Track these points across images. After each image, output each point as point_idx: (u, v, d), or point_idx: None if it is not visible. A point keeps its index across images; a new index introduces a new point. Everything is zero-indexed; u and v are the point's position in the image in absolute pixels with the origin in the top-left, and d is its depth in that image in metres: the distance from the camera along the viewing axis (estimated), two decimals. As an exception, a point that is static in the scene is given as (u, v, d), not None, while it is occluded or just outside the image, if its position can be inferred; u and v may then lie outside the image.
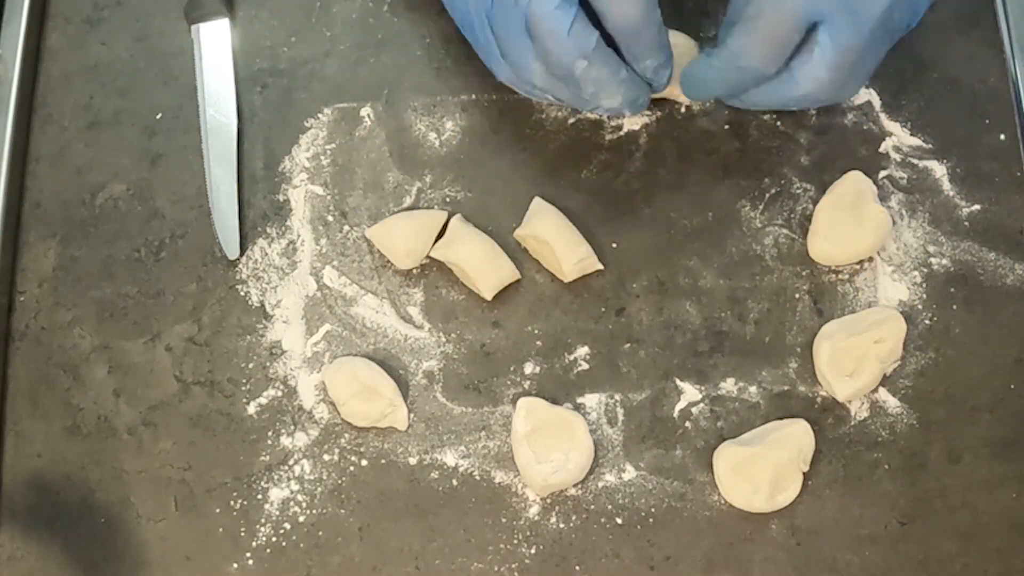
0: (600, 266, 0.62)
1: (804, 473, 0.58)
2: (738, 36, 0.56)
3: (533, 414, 0.58)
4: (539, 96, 0.60)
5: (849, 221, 0.61)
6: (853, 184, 0.62)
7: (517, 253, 0.63)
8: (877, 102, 0.65)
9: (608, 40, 0.57)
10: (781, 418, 0.60)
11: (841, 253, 0.61)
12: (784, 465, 0.57)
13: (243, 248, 0.63)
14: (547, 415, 0.58)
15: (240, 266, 0.63)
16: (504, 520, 0.58)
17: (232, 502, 0.59)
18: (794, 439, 0.58)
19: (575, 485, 0.59)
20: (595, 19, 0.56)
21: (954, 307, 0.62)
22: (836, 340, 0.59)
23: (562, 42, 0.55)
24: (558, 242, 0.60)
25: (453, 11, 0.62)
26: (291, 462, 0.60)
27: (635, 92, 0.58)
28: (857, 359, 0.59)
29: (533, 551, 0.58)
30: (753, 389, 0.60)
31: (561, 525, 0.58)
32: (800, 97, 0.57)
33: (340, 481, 0.59)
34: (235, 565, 0.58)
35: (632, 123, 0.65)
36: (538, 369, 0.61)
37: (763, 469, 0.57)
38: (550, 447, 0.57)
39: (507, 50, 0.58)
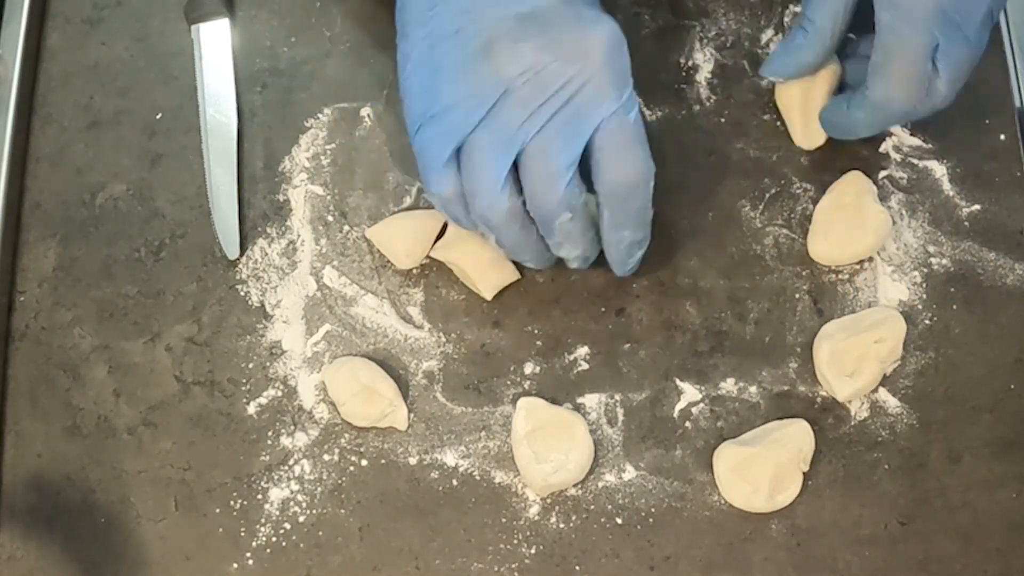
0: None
1: (804, 473, 0.58)
2: (878, 87, 0.57)
3: (533, 414, 0.58)
4: (467, 226, 0.57)
5: (849, 221, 0.61)
6: (853, 184, 0.62)
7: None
8: (877, 102, 0.66)
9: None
10: (781, 418, 0.60)
11: (841, 253, 0.61)
12: (784, 465, 0.57)
13: (243, 248, 0.63)
14: (547, 415, 0.58)
15: (240, 266, 0.63)
16: (504, 520, 0.58)
17: (232, 502, 0.59)
18: (794, 439, 0.58)
19: (575, 485, 0.59)
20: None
21: (954, 307, 0.62)
22: (836, 340, 0.59)
23: (554, 191, 0.53)
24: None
25: (433, 101, 0.56)
26: (291, 462, 0.60)
27: (591, 252, 0.58)
28: (857, 359, 0.59)
29: (533, 551, 0.58)
30: (753, 389, 0.60)
31: (561, 525, 0.58)
32: (929, 112, 0.58)
33: (340, 481, 0.59)
34: (235, 565, 0.58)
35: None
36: (538, 369, 0.61)
37: (763, 469, 0.57)
38: (550, 447, 0.57)
39: (475, 169, 0.54)
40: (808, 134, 0.64)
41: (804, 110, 0.63)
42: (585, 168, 0.54)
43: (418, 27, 0.55)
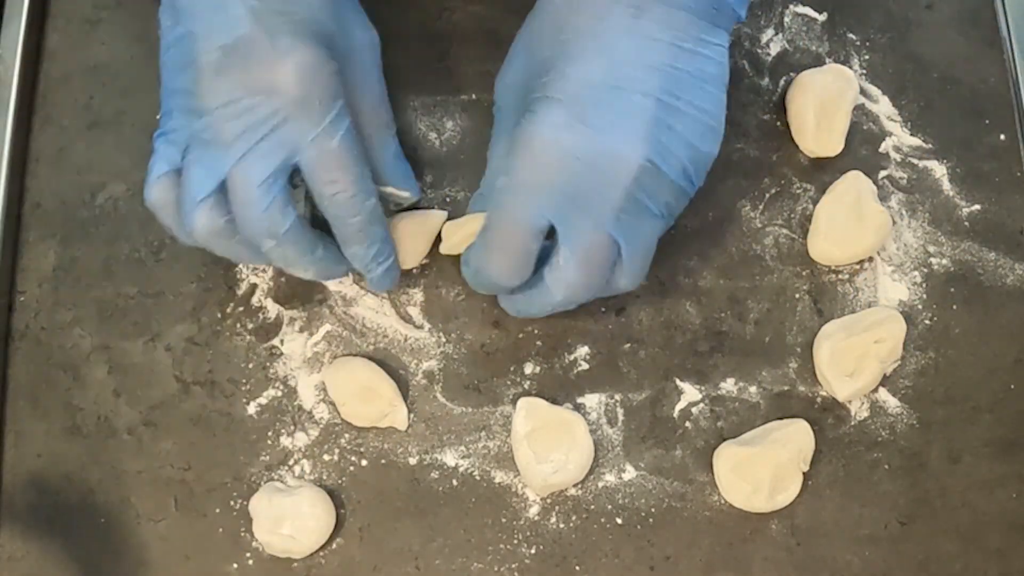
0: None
1: (804, 473, 0.58)
2: (476, 252, 0.55)
3: (533, 414, 0.58)
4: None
5: (849, 221, 0.61)
6: (853, 184, 0.62)
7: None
8: (877, 102, 0.65)
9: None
10: (781, 418, 0.60)
11: (841, 253, 0.61)
12: (784, 465, 0.57)
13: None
14: (547, 415, 0.58)
15: (240, 266, 0.63)
16: (504, 520, 0.58)
17: (232, 502, 0.59)
18: (794, 439, 0.58)
19: (575, 485, 0.59)
20: None
21: (954, 307, 0.62)
22: (836, 340, 0.59)
23: (256, 217, 0.53)
24: None
25: (166, 118, 0.56)
26: (291, 462, 0.60)
27: (329, 271, 0.57)
28: (857, 359, 0.59)
29: (533, 551, 0.58)
30: (753, 389, 0.60)
31: (561, 525, 0.58)
32: (561, 302, 0.55)
33: (340, 481, 0.59)
34: (235, 565, 0.58)
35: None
36: (538, 369, 0.61)
37: (763, 469, 0.57)
38: (550, 447, 0.57)
39: (186, 190, 0.54)
40: (820, 142, 0.63)
41: (819, 118, 0.63)
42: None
43: (161, 42, 0.56)
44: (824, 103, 0.63)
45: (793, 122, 0.64)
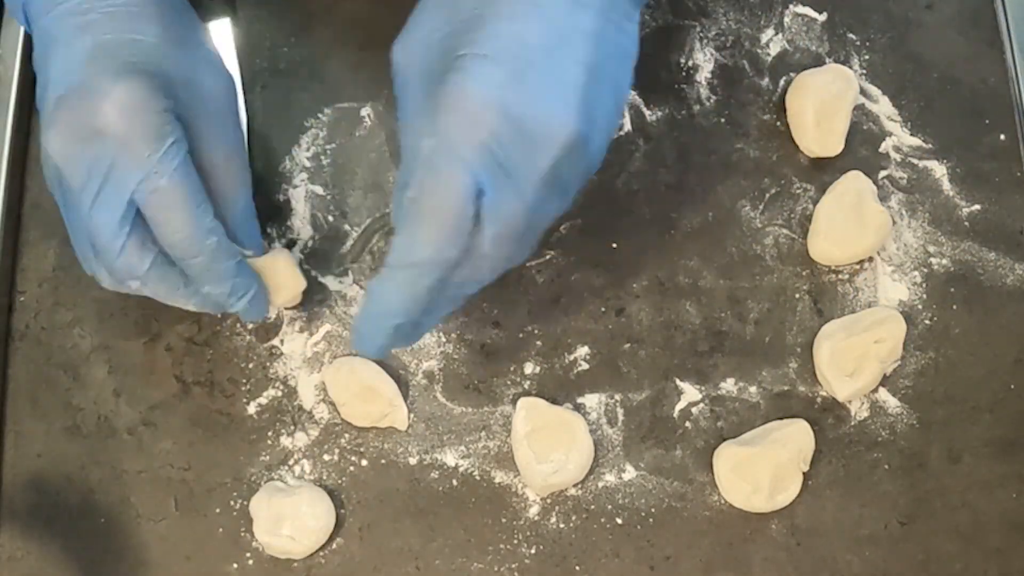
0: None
1: (804, 473, 0.58)
2: (408, 227, 0.49)
3: (533, 414, 0.58)
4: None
5: (850, 220, 0.61)
6: (853, 183, 0.62)
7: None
8: (877, 102, 0.66)
9: None
10: (781, 418, 0.60)
11: (842, 253, 0.61)
12: (784, 465, 0.57)
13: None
14: (547, 415, 0.58)
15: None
16: (504, 520, 0.58)
17: (232, 502, 0.59)
18: (794, 439, 0.58)
19: (575, 485, 0.59)
20: None
21: (954, 307, 0.62)
22: (836, 340, 0.59)
23: (116, 262, 0.52)
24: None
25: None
26: (291, 462, 0.60)
27: (212, 305, 0.56)
28: (857, 359, 0.59)
29: (533, 551, 0.58)
30: (753, 389, 0.60)
31: (561, 525, 0.58)
32: (468, 278, 0.50)
33: (340, 481, 0.59)
34: (235, 565, 0.58)
35: (632, 123, 0.65)
36: (538, 369, 0.61)
37: (763, 469, 0.57)
38: (550, 447, 0.57)
39: (77, 250, 0.55)
40: (820, 142, 0.63)
41: (819, 118, 0.63)
42: None
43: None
44: (824, 103, 0.63)
45: (793, 122, 0.64)
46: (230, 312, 0.56)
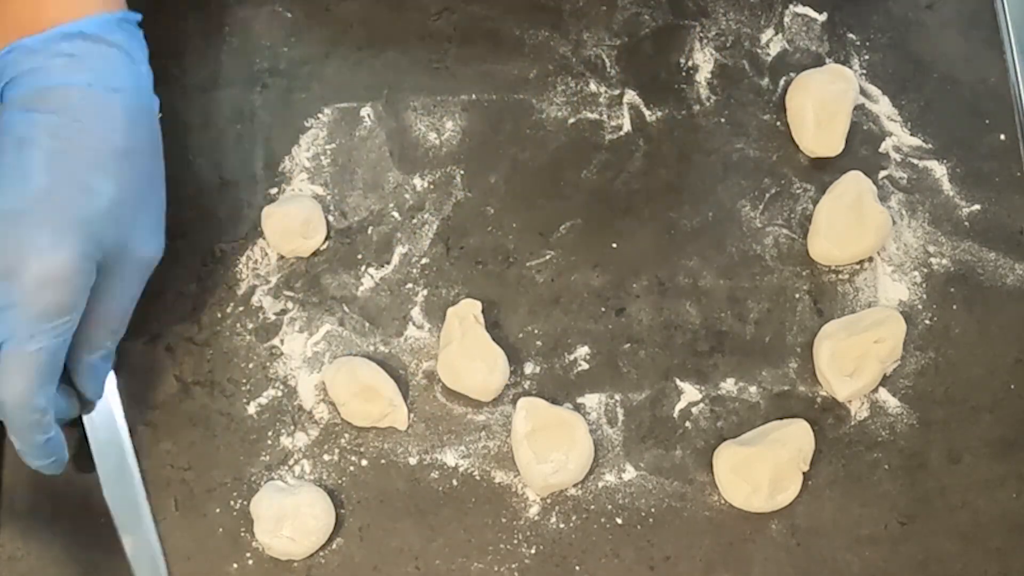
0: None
1: (804, 473, 0.58)
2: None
3: (533, 414, 0.58)
4: None
5: (850, 220, 0.61)
6: (853, 184, 0.62)
7: (518, 251, 0.63)
8: (877, 102, 0.66)
9: None
10: (781, 418, 0.60)
11: (842, 252, 0.61)
12: (784, 465, 0.57)
13: (243, 249, 0.63)
14: (547, 415, 0.58)
15: (240, 266, 0.63)
16: (504, 520, 0.58)
17: (232, 502, 0.59)
18: (794, 439, 0.58)
19: (575, 485, 0.59)
20: None
21: (954, 307, 0.62)
22: (836, 340, 0.59)
23: None
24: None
25: None
26: (291, 462, 0.60)
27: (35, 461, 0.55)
28: (857, 359, 0.59)
29: (533, 551, 0.58)
30: (753, 389, 0.60)
31: (561, 525, 0.58)
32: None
33: (340, 481, 0.59)
34: (235, 565, 0.58)
35: (632, 123, 0.65)
36: (538, 369, 0.61)
37: (763, 469, 0.57)
38: (550, 447, 0.57)
39: None
40: (820, 142, 0.63)
41: (819, 118, 0.63)
42: None
43: None
44: (824, 103, 0.63)
45: (793, 122, 0.64)
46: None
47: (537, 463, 0.57)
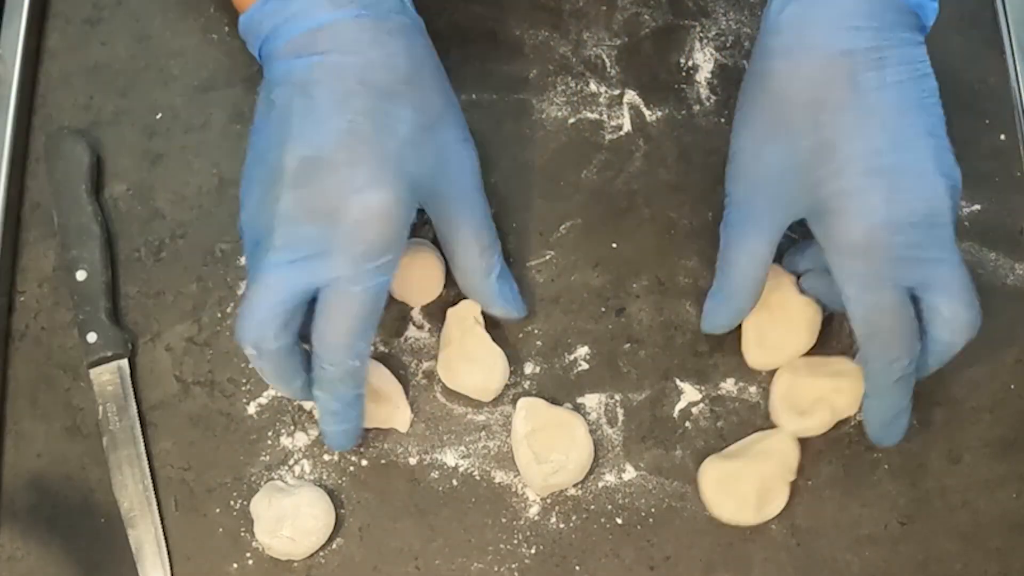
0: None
1: (794, 481, 0.57)
2: (877, 354, 0.53)
3: (533, 414, 0.58)
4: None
5: (779, 322, 0.59)
6: (773, 280, 0.58)
7: (518, 251, 0.63)
8: (877, 102, 0.65)
9: None
10: (781, 418, 0.60)
11: (780, 356, 0.59)
12: (769, 477, 0.57)
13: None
14: (547, 415, 0.58)
15: (240, 266, 0.63)
16: (504, 520, 0.58)
17: (232, 502, 0.59)
18: (778, 450, 0.57)
19: (575, 485, 0.59)
20: None
21: (954, 307, 0.62)
22: (798, 375, 0.58)
23: (248, 323, 0.52)
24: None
25: (242, 208, 0.56)
26: (291, 462, 0.60)
27: (302, 397, 0.55)
28: (813, 401, 0.58)
29: (533, 551, 0.58)
30: (753, 389, 0.60)
31: (561, 525, 0.58)
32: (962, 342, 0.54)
33: (340, 481, 0.59)
34: (235, 565, 0.58)
35: (632, 123, 0.65)
36: (538, 369, 0.61)
37: (749, 482, 0.56)
38: (550, 447, 0.57)
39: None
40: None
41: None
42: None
43: (250, 146, 0.55)
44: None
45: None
46: (322, 428, 0.56)
47: (537, 463, 0.57)
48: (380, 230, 0.51)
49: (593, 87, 0.66)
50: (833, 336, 0.61)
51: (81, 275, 0.61)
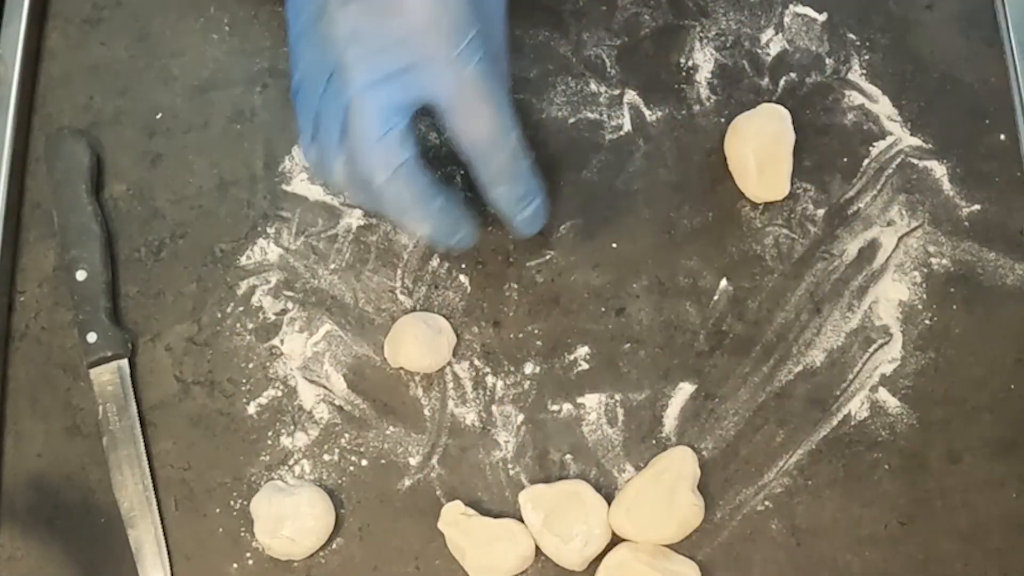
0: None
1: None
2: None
3: (539, 501, 0.57)
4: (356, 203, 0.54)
5: (657, 503, 0.56)
6: (678, 463, 0.57)
7: (518, 251, 0.63)
8: (877, 102, 0.65)
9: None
10: (782, 419, 0.59)
11: (639, 532, 0.56)
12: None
13: (243, 249, 0.63)
14: (551, 495, 0.57)
15: (240, 266, 0.63)
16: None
17: (232, 502, 0.59)
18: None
19: (575, 485, 0.59)
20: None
21: (954, 307, 0.62)
22: (637, 557, 0.56)
23: (369, 147, 0.49)
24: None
25: (295, 70, 0.53)
26: (291, 462, 0.60)
27: (449, 227, 0.53)
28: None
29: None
30: (753, 389, 0.60)
31: (561, 525, 0.58)
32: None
33: (340, 481, 0.59)
34: (235, 565, 0.58)
35: (632, 123, 0.65)
36: (538, 369, 0.61)
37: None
38: (569, 523, 0.56)
39: (320, 133, 0.51)
40: (765, 187, 0.62)
41: (762, 164, 0.61)
42: None
43: (288, 8, 0.53)
44: (764, 147, 0.62)
45: (734, 171, 0.63)
46: (509, 219, 0.54)
47: (565, 543, 0.56)
48: (452, 5, 0.49)
49: (593, 87, 0.66)
50: (837, 303, 0.61)
51: (81, 275, 0.61)
